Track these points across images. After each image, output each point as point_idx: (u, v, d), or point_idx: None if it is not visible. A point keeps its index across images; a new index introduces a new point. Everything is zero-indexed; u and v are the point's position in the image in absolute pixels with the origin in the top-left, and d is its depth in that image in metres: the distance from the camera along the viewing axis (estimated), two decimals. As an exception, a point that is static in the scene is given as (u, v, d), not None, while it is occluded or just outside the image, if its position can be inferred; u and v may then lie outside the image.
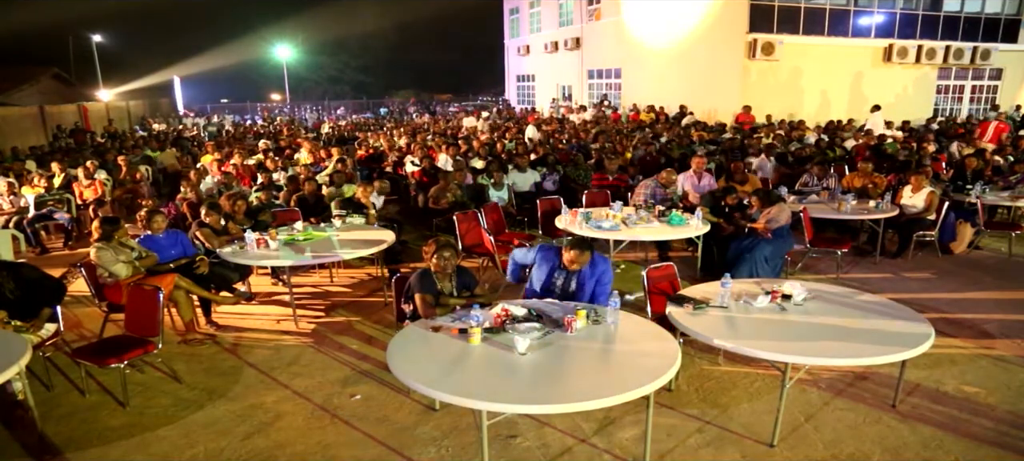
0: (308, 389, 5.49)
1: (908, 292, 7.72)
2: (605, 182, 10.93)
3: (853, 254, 9.27)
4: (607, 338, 4.47)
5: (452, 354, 4.19)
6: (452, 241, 5.49)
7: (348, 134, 22.49)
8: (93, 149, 17.97)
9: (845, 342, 4.45)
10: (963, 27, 22.66)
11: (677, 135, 16.37)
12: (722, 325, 4.77)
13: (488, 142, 16.03)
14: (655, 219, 8.04)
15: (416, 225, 10.81)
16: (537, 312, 4.79)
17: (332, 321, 7.08)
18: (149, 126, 29.27)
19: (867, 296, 5.41)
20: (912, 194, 9.26)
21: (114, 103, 33.40)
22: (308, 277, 8.61)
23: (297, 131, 23.68)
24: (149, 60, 46.22)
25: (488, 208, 9.00)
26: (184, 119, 34.28)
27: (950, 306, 7.31)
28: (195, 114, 38.73)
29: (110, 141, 20.00)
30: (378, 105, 46.48)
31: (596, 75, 28.55)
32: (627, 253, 9.30)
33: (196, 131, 25.80)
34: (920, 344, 4.40)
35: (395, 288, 5.53)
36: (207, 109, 43.91)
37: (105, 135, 22.74)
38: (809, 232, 8.47)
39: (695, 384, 5.45)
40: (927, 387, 5.41)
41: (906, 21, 21.82)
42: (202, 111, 42.32)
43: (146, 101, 38.49)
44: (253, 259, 6.96)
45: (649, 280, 5.64)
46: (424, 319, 4.84)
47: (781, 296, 5.18)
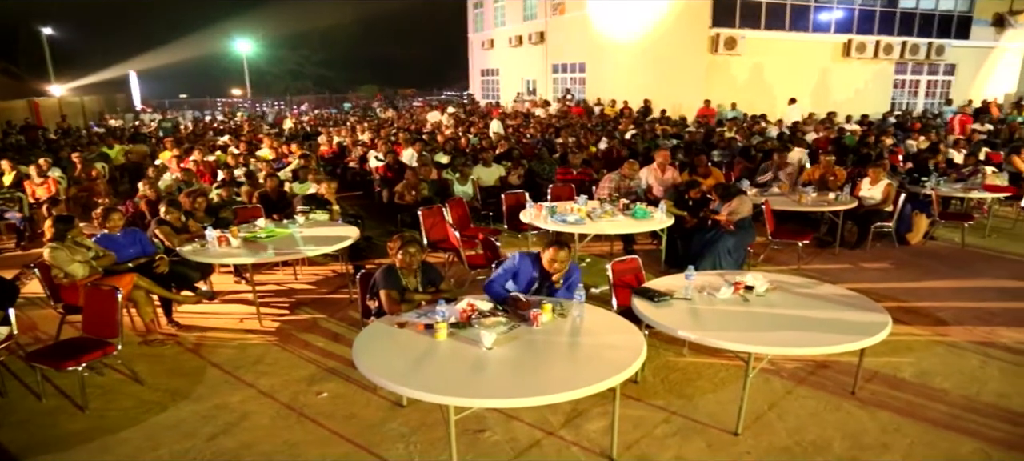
0: (274, 388, 5.46)
1: (866, 282, 7.89)
2: (570, 176, 11.00)
3: (814, 245, 9.44)
4: (573, 331, 4.50)
5: (418, 350, 4.20)
6: (417, 237, 5.48)
7: (311, 129, 22.28)
8: (46, 146, 17.57)
9: (806, 332, 4.55)
10: (918, 23, 23.18)
11: (642, 129, 16.50)
12: (686, 317, 4.84)
13: (453, 137, 16.02)
14: (619, 212, 8.11)
15: (380, 221, 10.77)
16: (502, 306, 4.82)
17: (297, 319, 7.03)
18: (105, 122, 28.67)
19: (827, 286, 5.53)
20: (870, 186, 9.45)
21: (67, 98, 32.67)
22: (272, 275, 8.54)
23: (259, 127, 23.41)
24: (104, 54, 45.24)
25: (453, 203, 9.00)
26: (141, 115, 33.60)
27: (907, 295, 7.49)
28: (153, 109, 37.98)
29: (63, 138, 19.56)
30: (341, 100, 46.06)
31: (561, 69, 28.61)
32: (592, 246, 9.37)
33: (154, 127, 25.33)
34: (878, 332, 4.52)
35: (360, 285, 5.51)
36: (165, 104, 43.11)
37: (58, 132, 22.22)
38: (771, 224, 8.61)
39: (661, 375, 5.53)
40: (885, 374, 5.55)
41: (864, 17, 22.24)
42: (160, 106, 41.54)
43: (101, 96, 37.69)
44: (215, 257, 6.89)
45: (614, 273, 5.69)
46: (390, 315, 4.83)
47: (744, 287, 5.27)
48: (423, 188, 9.93)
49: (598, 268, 8.36)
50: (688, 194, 8.72)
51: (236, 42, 49.28)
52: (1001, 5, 24.67)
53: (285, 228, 7.76)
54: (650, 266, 7.78)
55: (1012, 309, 7.06)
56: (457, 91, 46.10)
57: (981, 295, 7.52)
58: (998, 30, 24.90)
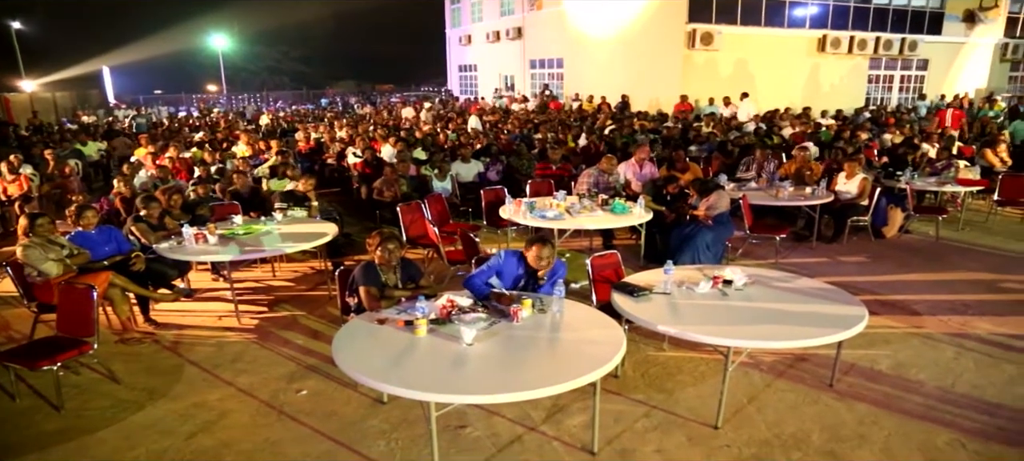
0: (253, 386, 5.41)
1: (843, 275, 7.98)
2: (549, 172, 11.00)
3: (791, 240, 9.52)
4: (553, 327, 4.51)
5: (399, 346, 4.18)
6: (396, 233, 5.46)
7: (288, 126, 22.12)
8: (17, 143, 17.30)
9: (784, 325, 4.58)
10: (892, 19, 23.45)
11: (620, 125, 16.55)
12: (666, 311, 4.86)
13: (432, 132, 15.97)
14: (598, 208, 8.13)
15: (359, 217, 10.72)
16: (482, 302, 4.81)
17: (276, 316, 6.98)
18: (78, 119, 28.26)
19: (805, 280, 5.58)
20: (846, 180, 9.55)
21: (38, 94, 32.14)
22: (250, 272, 8.47)
23: (235, 123, 23.19)
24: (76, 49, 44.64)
25: (432, 199, 8.98)
26: (115, 111, 33.17)
27: (883, 288, 7.58)
28: (127, 105, 37.50)
29: (36, 134, 19.26)
30: (318, 96, 45.78)
31: (538, 65, 28.62)
32: (571, 242, 9.38)
33: (128, 123, 24.99)
34: (855, 325, 4.57)
35: (339, 281, 5.48)
36: (140, 100, 42.58)
37: (30, 128, 21.88)
38: (748, 219, 8.67)
39: (641, 370, 5.55)
40: (862, 366, 5.61)
41: (839, 13, 22.45)
42: (134, 102, 41.02)
43: (74, 92, 37.14)
44: (192, 254, 6.82)
45: (593, 268, 5.70)
46: (369, 312, 4.81)
47: (722, 282, 5.31)
48: (402, 184, 9.90)
49: (577, 263, 8.38)
50: (666, 189, 8.76)
51: (212, 38, 48.79)
52: (971, 1, 25.03)
53: (263, 225, 7.70)
54: (629, 261, 7.82)
55: (986, 301, 7.17)
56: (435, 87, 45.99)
57: (955, 287, 7.63)
58: (969, 26, 25.25)
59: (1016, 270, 8.24)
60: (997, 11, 25.24)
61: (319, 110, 32.54)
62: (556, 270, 5.24)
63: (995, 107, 20.63)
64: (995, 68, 26.47)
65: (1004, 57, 26.41)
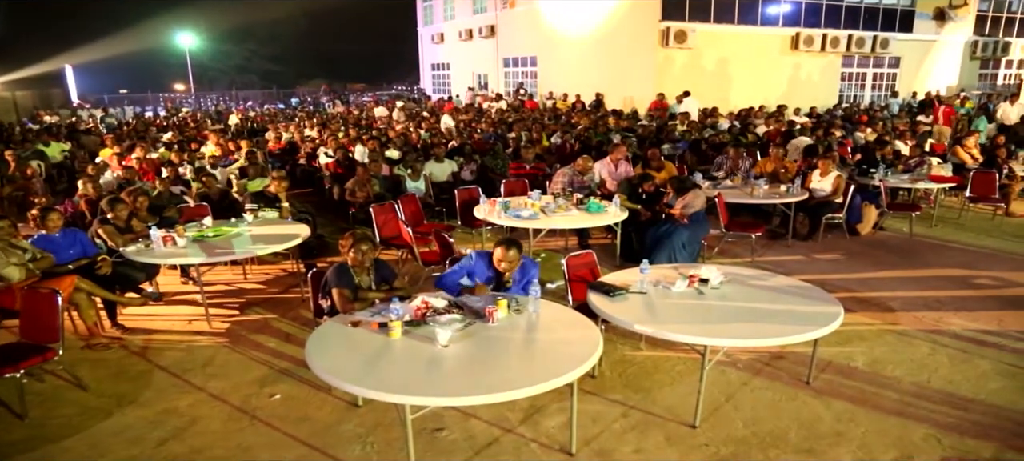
0: (224, 391, 5.36)
1: (819, 273, 8.07)
2: (523, 171, 11.01)
3: (767, 237, 9.61)
4: (529, 327, 4.51)
5: (373, 349, 4.16)
6: (369, 234, 5.43)
7: (258, 125, 21.94)
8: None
9: (761, 323, 4.62)
10: (864, 17, 23.78)
11: (594, 123, 16.61)
12: (642, 310, 4.88)
13: (404, 132, 15.91)
14: (573, 207, 8.15)
15: (332, 218, 10.66)
16: (458, 303, 4.80)
17: (247, 319, 6.91)
18: (40, 119, 27.77)
19: (781, 278, 5.64)
20: (821, 178, 9.65)
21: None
22: (220, 275, 8.38)
23: (203, 123, 22.94)
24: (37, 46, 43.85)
25: (405, 199, 8.95)
26: (78, 110, 32.62)
27: (858, 285, 7.68)
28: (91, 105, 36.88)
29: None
30: (289, 95, 45.41)
31: (512, 63, 28.65)
32: (547, 241, 9.40)
33: (92, 123, 24.61)
34: (831, 323, 4.62)
35: (312, 283, 5.44)
36: (104, 100, 41.92)
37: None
38: (724, 217, 8.74)
39: (618, 370, 5.57)
40: (838, 363, 5.68)
41: (811, 10, 22.73)
42: (99, 102, 40.38)
43: (35, 91, 36.47)
44: (160, 257, 6.73)
45: (569, 268, 5.71)
46: (342, 314, 4.78)
47: (699, 280, 5.34)
48: (374, 185, 9.86)
49: (553, 263, 8.39)
50: (642, 188, 8.80)
51: (178, 35, 48.18)
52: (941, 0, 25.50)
53: (233, 226, 7.62)
54: (605, 260, 7.85)
55: (959, 297, 7.29)
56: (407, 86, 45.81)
57: (929, 284, 7.75)
58: (939, 24, 25.69)
59: (988, 266, 8.39)
60: (966, 9, 25.72)
61: (289, 109, 32.29)
62: (527, 271, 5.25)
63: (966, 105, 21.00)
64: (965, 66, 26.99)
65: (974, 55, 26.93)
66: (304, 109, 31.72)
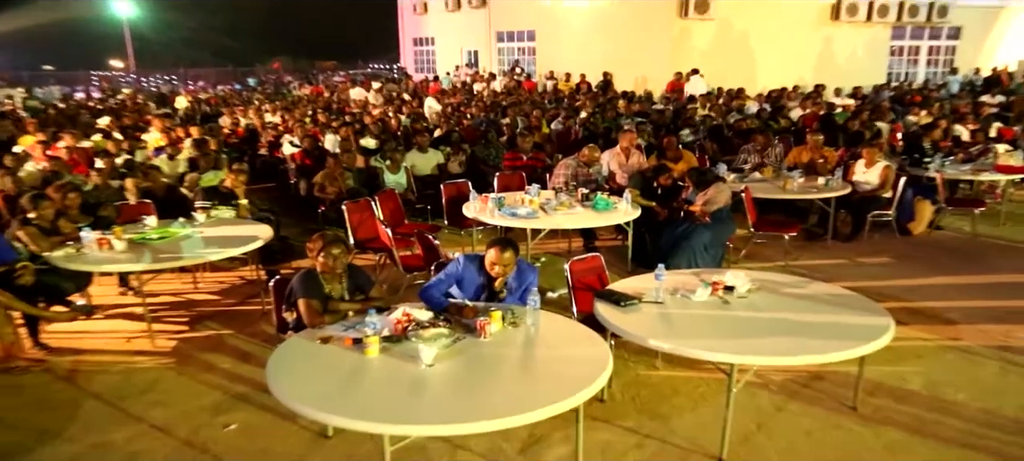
0: (170, 421, 5.34)
1: (864, 279, 8.07)
2: (519, 162, 11.01)
3: (802, 238, 9.63)
4: (527, 343, 4.51)
5: (346, 369, 4.15)
6: (342, 235, 5.43)
7: (211, 110, 21.91)
8: None
9: (797, 338, 4.62)
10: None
11: (601, 107, 16.62)
12: (658, 323, 4.88)
13: (382, 118, 15.90)
14: (578, 204, 8.14)
15: (298, 218, 10.65)
16: (445, 315, 4.80)
17: (198, 336, 6.90)
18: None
19: (819, 285, 5.65)
20: (865, 169, 9.66)
21: None
22: (166, 284, 8.36)
23: (145, 106, 22.88)
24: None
25: (384, 196, 8.96)
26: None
27: (911, 293, 7.68)
28: (7, 83, 36.69)
29: None
30: (247, 74, 45.33)
31: (506, 38, 28.63)
32: (547, 243, 9.40)
33: (10, 106, 24.48)
34: (879, 337, 4.61)
35: (274, 293, 5.43)
36: (24, 77, 41.71)
37: None
38: (752, 215, 8.75)
39: (630, 392, 5.57)
40: (890, 385, 5.68)
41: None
42: (18, 80, 40.18)
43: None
44: (94, 264, 6.70)
45: (573, 274, 5.72)
46: (310, 329, 4.77)
47: (723, 288, 5.34)
48: (347, 178, 9.84)
49: (554, 268, 8.38)
50: (657, 181, 8.80)
51: (114, 2, 47.97)
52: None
53: (182, 227, 7.60)
54: (615, 265, 7.84)
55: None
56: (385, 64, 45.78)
57: (996, 292, 7.75)
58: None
59: (1064, 271, 8.40)
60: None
61: (248, 91, 32.25)
62: (525, 277, 5.24)
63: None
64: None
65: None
66: (265, 91, 31.69)
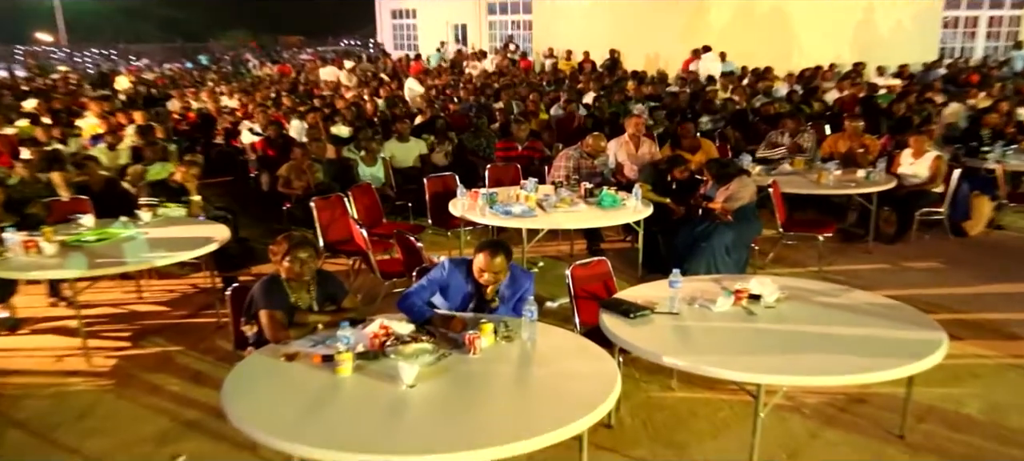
0: (108, 453, 5.34)
1: (912, 287, 8.09)
2: (513, 153, 11.01)
3: (839, 239, 9.64)
4: (523, 360, 4.52)
5: (314, 390, 4.15)
6: (310, 237, 5.42)
7: (157, 92, 21.88)
8: None
9: (834, 355, 4.62)
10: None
11: (607, 89, 16.62)
12: (673, 337, 4.89)
13: (356, 102, 15.89)
14: (581, 200, 8.15)
15: (259, 216, 10.65)
16: (428, 328, 4.80)
17: (142, 353, 6.90)
18: None
19: (859, 294, 5.65)
20: (913, 160, 9.67)
21: None
22: (105, 293, 8.35)
23: (80, 87, 22.84)
24: None
25: (358, 191, 8.96)
26: None
27: (966, 304, 7.69)
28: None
29: None
30: (199, 51, 45.25)
31: (499, 10, 28.64)
32: (545, 246, 9.40)
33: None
34: (930, 354, 4.59)
35: (231, 304, 5.43)
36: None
37: None
38: (781, 213, 8.75)
39: (641, 416, 5.58)
40: (943, 409, 5.68)
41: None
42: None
43: None
44: (19, 270, 6.69)
45: (575, 281, 5.73)
46: (273, 344, 4.77)
47: (748, 297, 5.35)
48: (316, 171, 9.84)
49: (554, 274, 8.40)
50: (671, 174, 8.81)
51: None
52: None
53: (124, 228, 7.58)
54: (623, 271, 7.86)
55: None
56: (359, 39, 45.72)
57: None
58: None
59: None
60: None
61: (200, 70, 32.20)
62: (519, 284, 5.25)
63: None
64: None
65: None
66: (220, 70, 31.65)
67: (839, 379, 4.54)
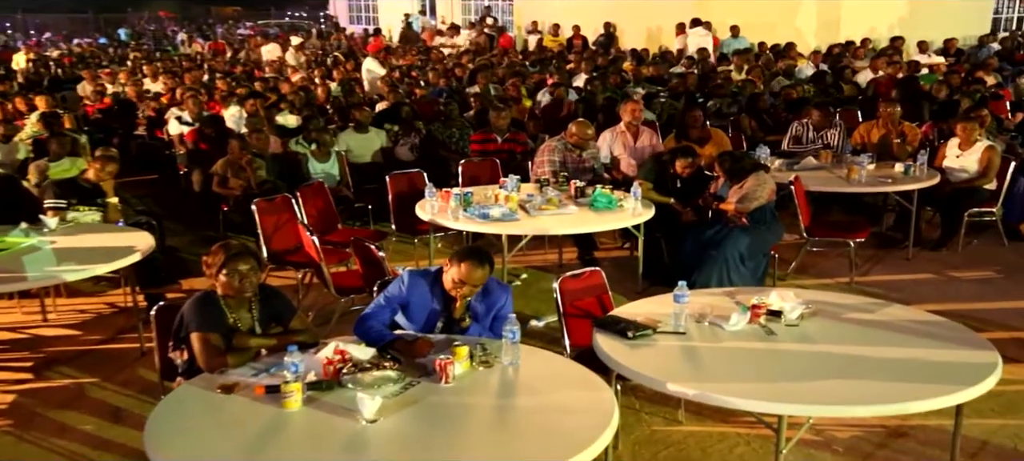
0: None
1: (960, 300, 8.15)
2: (491, 146, 11.03)
3: (874, 245, 9.68)
4: (504, 389, 4.53)
5: (256, 427, 4.14)
6: (252, 246, 5.42)
7: (64, 73, 21.79)
8: None
9: (868, 381, 4.62)
10: None
11: (601, 70, 16.65)
12: (680, 361, 4.91)
13: (305, 85, 15.89)
14: (570, 201, 8.16)
15: (190, 222, 10.62)
16: (391, 353, 4.80)
17: (48, 386, 6.87)
18: None
19: (898, 309, 5.68)
20: (960, 152, 9.71)
21: None
22: (2, 314, 8.33)
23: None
24: None
25: (308, 191, 8.94)
26: None
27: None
28: None
29: None
30: (116, 24, 45.11)
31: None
32: (529, 255, 9.39)
33: None
34: (982, 379, 4.57)
35: (157, 326, 5.41)
36: None
37: None
38: (805, 214, 8.77)
39: (644, 454, 5.61)
40: (999, 445, 5.70)
41: None
42: None
43: None
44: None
45: (564, 296, 5.73)
46: (208, 373, 4.76)
47: (767, 313, 5.36)
48: (259, 168, 9.82)
49: (540, 288, 8.42)
50: (675, 169, 8.80)
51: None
52: None
53: (26, 236, 7.55)
54: (621, 283, 7.89)
55: None
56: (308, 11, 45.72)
57: None
58: None
59: None
60: None
61: (117, 47, 32.09)
62: (495, 300, 5.28)
63: None
64: None
65: None
66: (141, 47, 31.56)
67: (875, 409, 4.56)
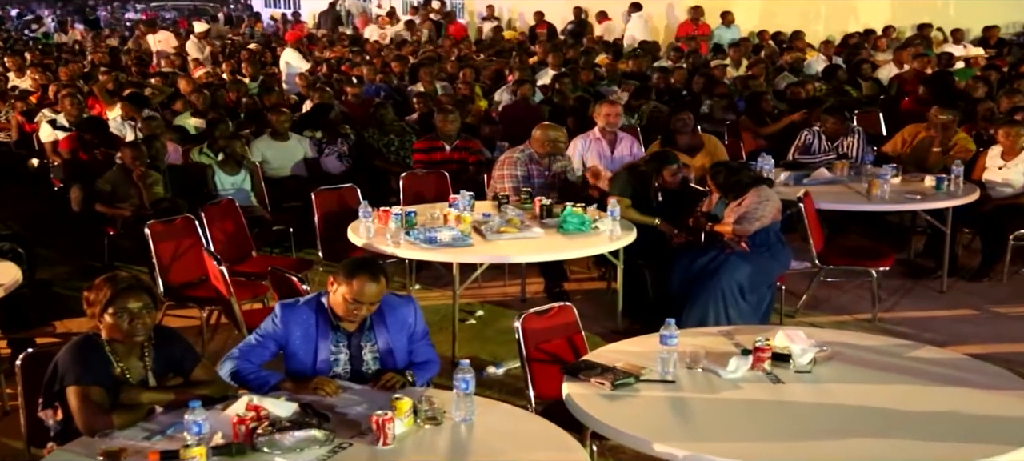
0: None
1: (1005, 341, 8.20)
2: (438, 156, 11.02)
3: (900, 275, 9.75)
4: (456, 451, 4.53)
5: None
6: (144, 279, 5.39)
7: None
8: None
9: (894, 439, 4.62)
10: None
11: (571, 65, 16.70)
12: (668, 416, 4.92)
13: (210, 82, 15.85)
14: (534, 222, 8.16)
15: (67, 248, 10.56)
16: (315, 408, 4.78)
17: None
18: None
19: (930, 350, 5.71)
20: (1004, 162, 9.77)
21: None
22: None
23: None
24: None
25: (215, 211, 8.89)
26: None
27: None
28: None
29: None
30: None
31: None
32: (486, 287, 9.39)
33: None
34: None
35: (23, 379, 5.36)
36: None
37: None
38: (818, 238, 8.81)
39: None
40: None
41: None
42: None
43: None
44: None
45: (528, 337, 5.72)
46: (88, 436, 4.72)
47: (772, 357, 5.38)
48: (154, 182, 9.76)
49: (499, 328, 8.42)
50: (658, 180, 8.78)
51: None
52: None
53: None
54: (597, 321, 7.92)
55: None
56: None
57: None
58: None
59: None
60: None
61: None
62: (398, 317, 5.33)
63: None
64: None
65: None
66: (3, 35, 31.44)
67: (904, 472, 4.58)
